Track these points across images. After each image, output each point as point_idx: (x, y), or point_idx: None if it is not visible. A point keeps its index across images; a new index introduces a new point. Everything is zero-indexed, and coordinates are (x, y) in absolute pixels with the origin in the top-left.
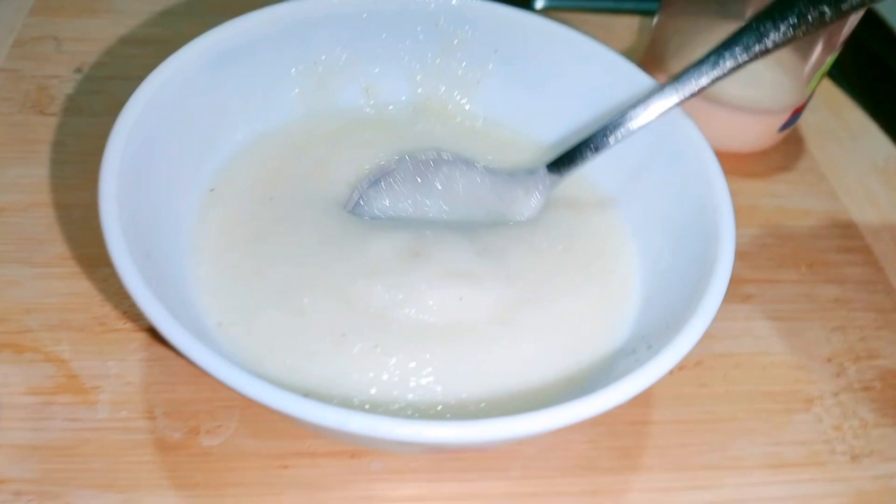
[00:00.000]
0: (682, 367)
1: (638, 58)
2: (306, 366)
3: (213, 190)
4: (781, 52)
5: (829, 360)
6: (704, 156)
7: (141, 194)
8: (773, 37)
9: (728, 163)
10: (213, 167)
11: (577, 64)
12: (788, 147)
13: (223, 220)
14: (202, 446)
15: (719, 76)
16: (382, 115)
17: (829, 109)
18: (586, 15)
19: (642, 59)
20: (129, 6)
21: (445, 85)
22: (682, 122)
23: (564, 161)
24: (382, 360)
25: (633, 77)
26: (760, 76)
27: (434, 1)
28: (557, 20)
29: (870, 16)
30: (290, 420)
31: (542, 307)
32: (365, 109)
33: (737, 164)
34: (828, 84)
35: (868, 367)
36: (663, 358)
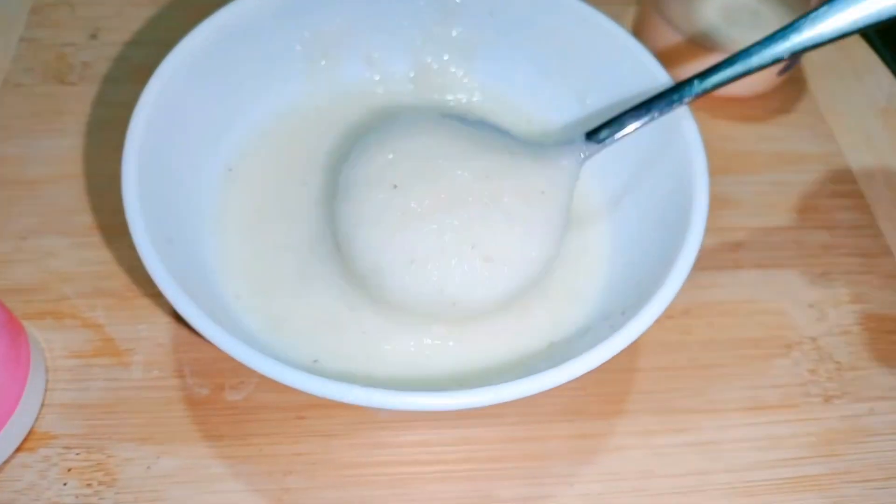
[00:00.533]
0: (670, 316)
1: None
2: (317, 333)
3: (230, 170)
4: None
5: (812, 306)
6: (692, 146)
7: (161, 181)
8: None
9: (727, 107)
10: (229, 147)
11: (569, 29)
12: (790, 88)
13: (241, 198)
14: (227, 401)
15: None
16: (389, 86)
17: (835, 46)
18: None
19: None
20: None
21: (448, 52)
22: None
23: (605, 129)
24: (391, 329)
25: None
26: (758, 19)
27: None
28: None
29: None
30: None
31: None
32: (371, 81)
33: (736, 108)
34: None
35: (849, 312)
36: (619, 338)
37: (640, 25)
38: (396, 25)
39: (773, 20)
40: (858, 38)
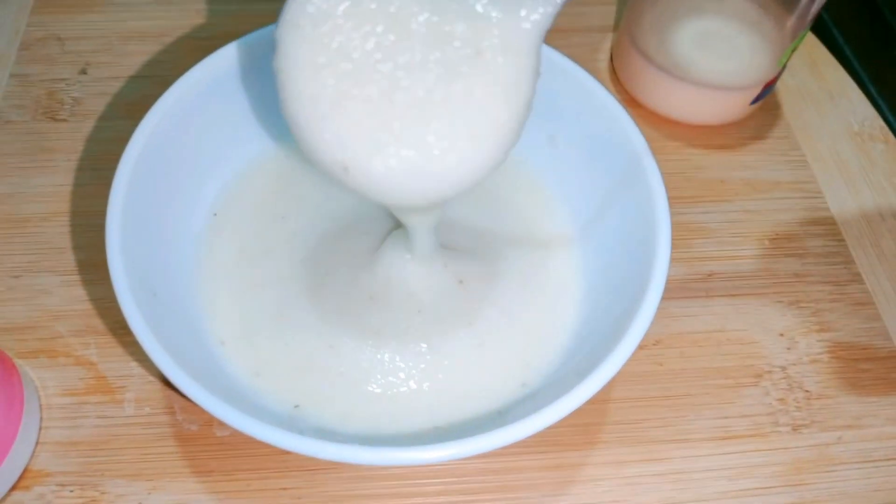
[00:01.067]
0: (642, 347)
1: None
2: (300, 378)
3: (216, 214)
4: (752, 28)
5: (782, 335)
6: (648, 172)
7: (146, 233)
8: None
9: (702, 136)
10: (214, 192)
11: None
12: (764, 114)
13: (226, 241)
14: (216, 437)
15: None
16: None
17: (809, 69)
18: None
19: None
20: None
21: None
22: (631, 133)
23: None
24: (368, 370)
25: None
26: (731, 53)
27: None
28: None
29: None
30: None
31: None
32: None
33: (710, 136)
34: (812, 39)
35: (818, 341)
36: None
37: (616, 55)
38: None
39: (748, 48)
40: (833, 62)
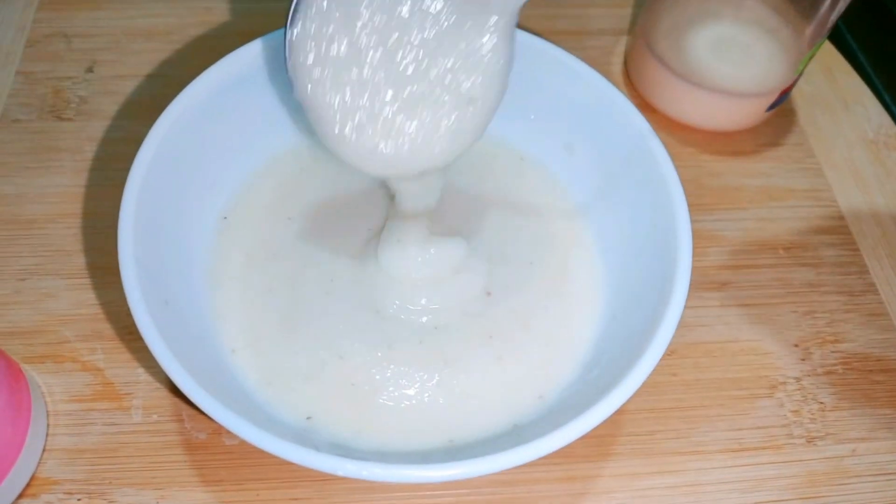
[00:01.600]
0: None
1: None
2: (311, 389)
3: (225, 218)
4: (770, 35)
5: (797, 346)
6: (670, 183)
7: (158, 240)
8: None
9: (716, 141)
10: (224, 196)
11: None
12: (779, 121)
13: (235, 245)
14: (225, 445)
15: None
16: None
17: (824, 75)
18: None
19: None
20: None
21: None
22: (653, 144)
23: None
24: (380, 382)
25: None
26: (748, 59)
27: None
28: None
29: None
30: None
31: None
32: None
33: (726, 143)
34: (827, 46)
35: (832, 352)
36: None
37: (630, 59)
38: None
39: (765, 55)
40: (848, 68)
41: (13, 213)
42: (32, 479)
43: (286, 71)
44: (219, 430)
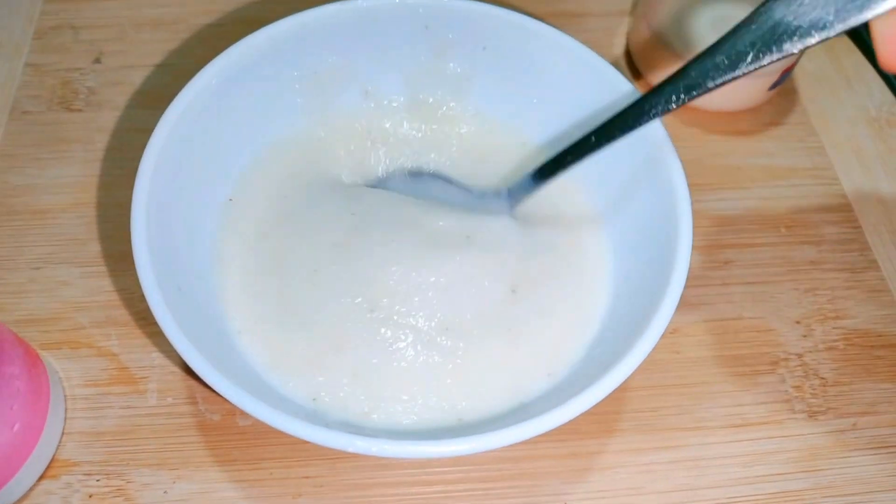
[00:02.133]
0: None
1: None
2: (314, 371)
3: (231, 199)
4: None
5: (798, 322)
6: (671, 167)
7: (168, 227)
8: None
9: (720, 121)
10: (231, 179)
11: (560, 63)
12: (781, 100)
13: (241, 227)
14: (238, 426)
15: (703, 91)
16: (383, 116)
17: (826, 53)
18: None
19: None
20: None
21: (439, 84)
22: (663, 145)
23: (547, 168)
24: (387, 363)
25: (610, 78)
26: None
27: (422, 5)
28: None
29: None
30: None
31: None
32: (366, 111)
33: (727, 122)
34: None
35: (833, 328)
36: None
37: (632, 39)
38: (392, 62)
39: None
40: (850, 45)
41: (26, 203)
42: (53, 461)
43: None
44: (232, 411)
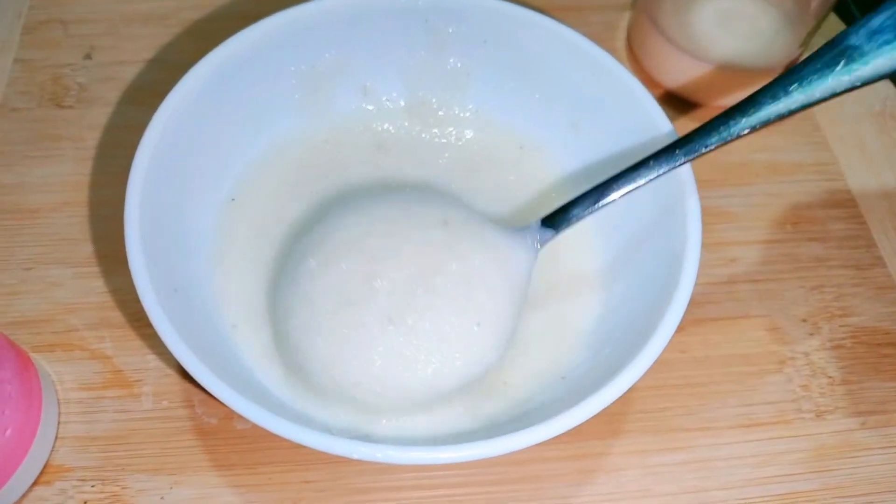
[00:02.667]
0: None
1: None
2: (307, 367)
3: (233, 199)
4: (775, 8)
5: (805, 321)
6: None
7: (163, 228)
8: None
9: None
10: (231, 178)
11: (563, 58)
12: None
13: (243, 227)
14: (236, 430)
15: (727, 140)
16: (383, 117)
17: None
18: None
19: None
20: None
21: (439, 80)
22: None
23: (560, 215)
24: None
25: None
26: (753, 33)
27: None
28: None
29: None
30: None
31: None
32: (366, 112)
33: None
34: (832, 17)
35: (840, 326)
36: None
37: (633, 33)
38: (391, 57)
39: (770, 29)
40: None
41: (16, 202)
42: (46, 466)
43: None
44: (230, 414)
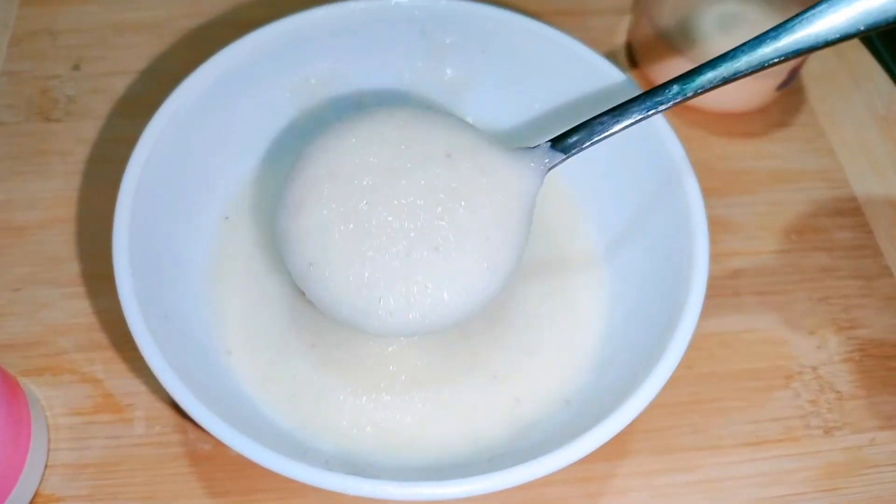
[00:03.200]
0: None
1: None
2: (297, 397)
3: (227, 218)
4: (779, 11)
5: (812, 333)
6: (684, 176)
7: (154, 249)
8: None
9: (726, 123)
10: (225, 196)
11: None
12: (788, 99)
13: (237, 248)
14: (230, 456)
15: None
16: None
17: (833, 52)
18: None
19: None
20: None
21: (437, 91)
22: (686, 177)
23: (573, 135)
24: (373, 405)
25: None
26: (756, 32)
27: (418, 7)
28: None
29: None
30: None
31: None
32: None
33: (735, 123)
34: None
35: (849, 339)
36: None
37: (634, 38)
38: (387, 68)
39: None
40: (857, 44)
41: (3, 220)
42: (36, 495)
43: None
44: None
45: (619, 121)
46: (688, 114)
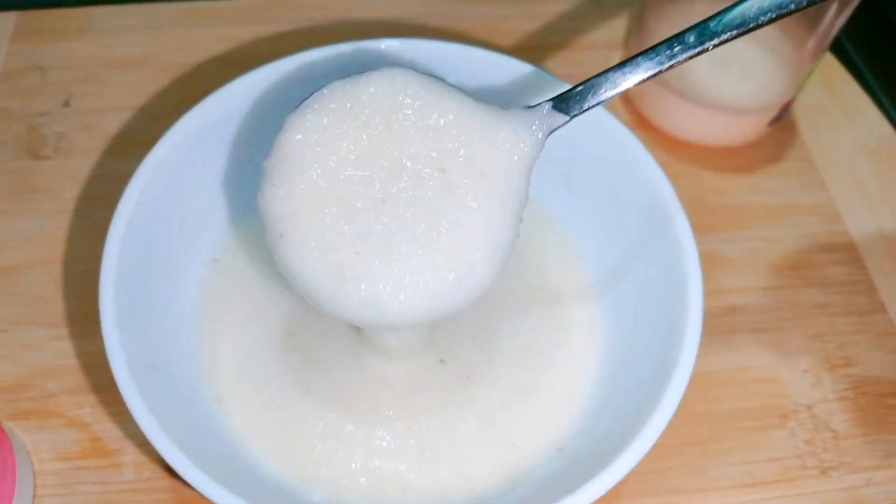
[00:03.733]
0: None
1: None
2: (290, 445)
3: (217, 260)
4: (770, 50)
5: (806, 371)
6: (675, 216)
7: (141, 295)
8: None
9: (718, 158)
10: (215, 238)
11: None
12: (780, 134)
13: (227, 290)
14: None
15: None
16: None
17: (823, 85)
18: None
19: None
20: (109, 23)
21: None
22: (676, 217)
23: (574, 96)
24: (365, 445)
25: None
26: (748, 74)
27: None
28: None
29: None
30: None
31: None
32: None
33: (727, 158)
34: (827, 56)
35: (843, 377)
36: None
37: None
38: None
39: (765, 70)
40: (848, 77)
41: None
42: None
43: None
44: None
45: (628, 76)
46: (680, 149)
